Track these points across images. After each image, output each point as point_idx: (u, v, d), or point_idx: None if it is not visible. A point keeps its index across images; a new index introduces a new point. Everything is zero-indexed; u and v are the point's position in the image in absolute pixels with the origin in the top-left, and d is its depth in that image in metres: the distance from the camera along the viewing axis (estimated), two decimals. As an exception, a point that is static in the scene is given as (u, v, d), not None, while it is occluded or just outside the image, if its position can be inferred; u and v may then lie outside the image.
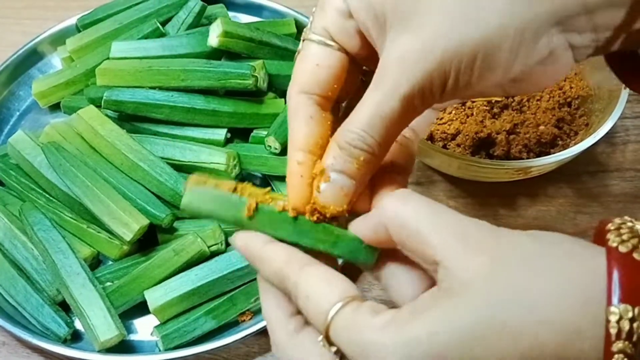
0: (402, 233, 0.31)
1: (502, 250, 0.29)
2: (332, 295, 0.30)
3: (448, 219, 0.30)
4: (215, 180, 0.34)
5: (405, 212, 0.31)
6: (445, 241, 0.29)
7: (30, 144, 0.65)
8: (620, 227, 0.28)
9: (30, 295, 0.59)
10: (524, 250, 0.29)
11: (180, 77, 0.65)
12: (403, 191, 0.33)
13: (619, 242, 0.27)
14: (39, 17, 0.83)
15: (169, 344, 0.57)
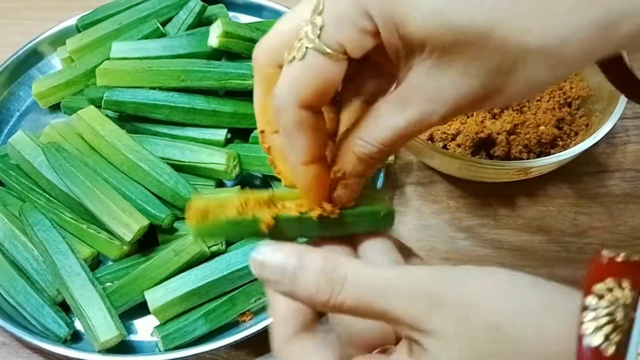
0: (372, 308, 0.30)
1: (466, 319, 0.28)
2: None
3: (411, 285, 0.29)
4: (215, 202, 0.32)
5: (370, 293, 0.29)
6: (409, 314, 0.29)
7: (30, 145, 0.65)
8: (597, 306, 0.26)
9: (30, 296, 0.59)
10: (489, 317, 0.28)
11: (180, 77, 0.65)
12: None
13: (593, 329, 0.25)
14: (38, 18, 0.83)
15: (169, 344, 0.57)
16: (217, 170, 0.64)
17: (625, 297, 0.26)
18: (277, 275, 0.30)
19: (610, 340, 0.25)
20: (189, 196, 0.61)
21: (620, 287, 0.26)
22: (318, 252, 0.30)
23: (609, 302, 0.26)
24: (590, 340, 0.25)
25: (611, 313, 0.26)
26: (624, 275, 0.27)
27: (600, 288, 0.26)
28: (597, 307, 0.26)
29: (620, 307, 0.26)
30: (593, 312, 0.26)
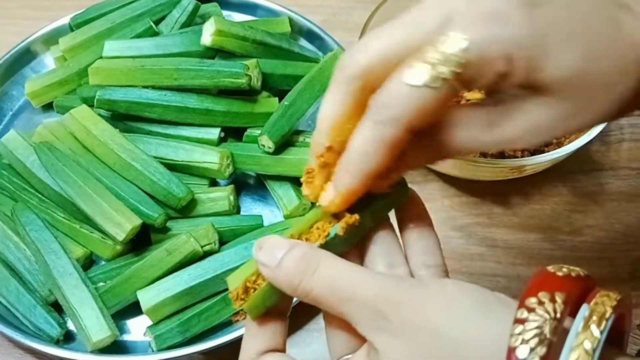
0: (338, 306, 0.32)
1: (413, 324, 0.30)
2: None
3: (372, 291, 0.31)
4: (248, 271, 0.33)
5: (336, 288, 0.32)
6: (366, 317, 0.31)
7: (22, 144, 0.65)
8: (527, 319, 0.27)
9: (22, 296, 0.58)
10: (431, 320, 0.30)
11: (173, 76, 0.65)
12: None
13: (520, 341, 0.26)
14: (32, 17, 0.82)
15: (162, 344, 0.56)
16: (210, 169, 0.63)
17: (555, 310, 0.27)
18: (268, 255, 0.32)
19: (536, 353, 0.26)
20: (181, 195, 0.61)
21: (552, 301, 0.27)
22: (305, 244, 0.33)
23: (538, 316, 0.27)
24: (518, 352, 0.26)
25: (539, 327, 0.26)
26: (559, 289, 0.27)
27: (533, 302, 0.27)
28: (526, 319, 0.27)
29: (549, 320, 0.27)
30: (522, 325, 0.27)
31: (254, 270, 0.33)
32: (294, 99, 0.66)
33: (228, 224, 0.62)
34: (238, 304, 0.33)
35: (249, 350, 0.34)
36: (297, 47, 0.73)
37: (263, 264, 0.33)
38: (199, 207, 0.63)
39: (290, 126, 0.64)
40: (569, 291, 0.28)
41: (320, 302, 0.32)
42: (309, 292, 0.31)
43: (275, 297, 0.33)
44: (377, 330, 0.30)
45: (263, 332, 0.34)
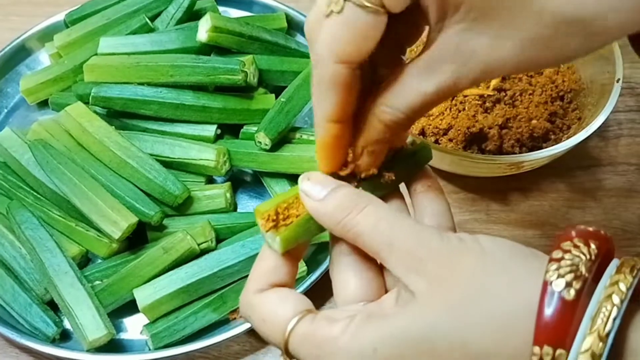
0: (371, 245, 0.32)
1: (449, 271, 0.30)
2: (286, 312, 0.32)
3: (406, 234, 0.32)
4: (280, 202, 0.34)
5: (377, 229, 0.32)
6: (403, 262, 0.31)
7: (17, 142, 0.65)
8: (562, 257, 0.28)
9: (18, 295, 0.58)
10: (468, 269, 0.30)
11: (169, 72, 0.65)
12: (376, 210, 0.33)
13: (556, 276, 0.28)
14: (26, 14, 0.82)
15: (158, 342, 0.56)
16: (206, 166, 0.63)
17: (590, 253, 0.28)
18: (315, 189, 0.33)
19: (572, 286, 0.27)
20: (178, 193, 0.60)
21: (587, 245, 0.28)
22: (352, 186, 0.34)
23: (574, 256, 0.28)
24: (553, 286, 0.27)
25: (575, 264, 0.28)
26: (592, 238, 0.29)
27: (568, 244, 0.29)
28: (562, 258, 0.28)
29: (584, 261, 0.28)
30: (557, 262, 0.28)
31: (285, 199, 0.34)
32: (290, 95, 0.65)
33: (225, 222, 0.62)
34: (268, 226, 0.33)
35: (261, 280, 0.34)
36: (293, 43, 0.72)
37: (308, 194, 0.33)
38: (196, 205, 0.63)
39: (287, 123, 0.64)
40: (601, 241, 0.29)
41: (361, 239, 0.32)
42: (352, 227, 0.32)
43: (311, 232, 0.34)
44: (414, 274, 0.30)
45: (281, 268, 0.34)
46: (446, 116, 0.64)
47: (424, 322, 0.29)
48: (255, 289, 0.34)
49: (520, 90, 0.65)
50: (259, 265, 0.34)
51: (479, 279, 0.30)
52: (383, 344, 0.30)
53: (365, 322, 0.31)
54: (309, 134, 0.65)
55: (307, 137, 0.65)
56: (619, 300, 0.27)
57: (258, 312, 0.33)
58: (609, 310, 0.27)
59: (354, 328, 0.30)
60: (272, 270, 0.34)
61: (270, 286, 0.34)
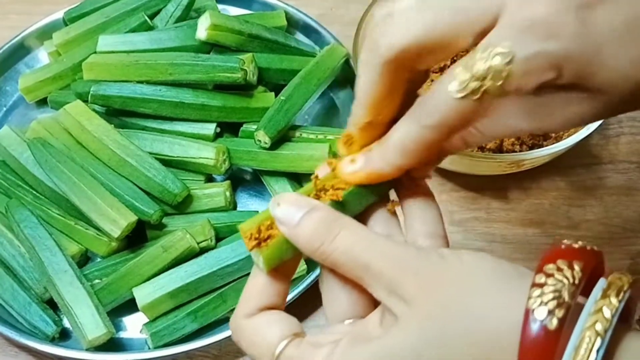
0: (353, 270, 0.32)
1: (430, 293, 0.30)
2: (273, 337, 0.32)
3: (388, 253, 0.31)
4: (263, 218, 0.33)
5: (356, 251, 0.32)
6: (388, 281, 0.31)
7: (16, 140, 0.64)
8: (545, 283, 0.27)
9: (17, 293, 0.58)
10: (449, 289, 0.30)
11: (168, 71, 0.64)
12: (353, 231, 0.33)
13: (539, 304, 0.27)
14: (25, 12, 0.81)
15: (158, 341, 0.56)
16: (206, 164, 0.63)
17: (574, 277, 0.27)
18: (288, 215, 0.32)
19: (554, 315, 0.26)
20: (177, 191, 0.60)
21: (570, 268, 0.28)
22: (328, 208, 0.33)
23: (557, 281, 0.27)
24: (535, 314, 0.27)
25: (558, 290, 0.27)
26: (576, 259, 0.28)
27: (551, 268, 0.28)
28: (544, 284, 0.27)
29: (567, 286, 0.27)
30: (540, 288, 0.27)
31: (268, 216, 0.33)
32: (290, 93, 0.65)
33: (224, 220, 0.62)
34: (251, 245, 0.33)
35: (250, 304, 0.34)
36: (293, 41, 0.72)
37: (281, 221, 0.32)
38: (195, 203, 0.62)
39: (287, 121, 0.64)
40: (586, 261, 0.28)
41: (337, 266, 0.32)
42: (328, 255, 0.32)
43: (293, 250, 0.33)
44: (394, 297, 0.30)
45: (269, 289, 0.34)
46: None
47: (407, 346, 0.29)
48: (244, 313, 0.34)
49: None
50: (249, 286, 0.34)
51: (461, 300, 0.29)
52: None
53: (350, 347, 0.31)
54: (309, 132, 0.65)
55: (306, 136, 0.65)
56: (602, 328, 0.26)
57: (247, 336, 0.33)
58: (592, 341, 0.26)
59: (338, 354, 0.30)
60: (261, 291, 0.34)
61: (258, 310, 0.34)
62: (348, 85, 0.71)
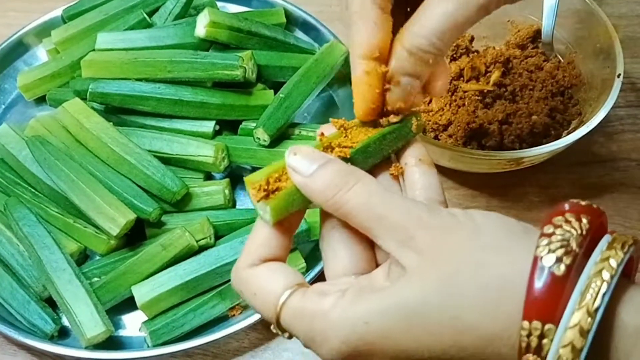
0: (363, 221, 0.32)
1: (441, 245, 0.31)
2: (277, 287, 0.32)
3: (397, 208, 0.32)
4: (271, 171, 0.33)
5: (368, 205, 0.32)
6: (396, 236, 0.31)
7: (14, 138, 0.64)
8: (554, 232, 0.28)
9: (16, 292, 0.58)
10: (460, 243, 0.30)
11: (166, 68, 0.64)
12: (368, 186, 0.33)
13: (547, 251, 0.28)
14: (24, 9, 0.81)
15: (157, 339, 0.56)
16: (205, 162, 0.63)
17: (582, 228, 0.28)
18: (303, 163, 0.33)
19: (562, 261, 0.27)
20: (176, 189, 0.60)
21: (578, 220, 0.29)
22: (344, 163, 0.34)
23: (565, 231, 0.28)
24: (543, 261, 0.27)
25: (566, 239, 0.28)
26: (584, 213, 0.29)
27: (559, 219, 0.29)
28: (553, 233, 0.28)
29: (575, 236, 0.28)
30: (548, 237, 0.28)
31: (277, 168, 0.33)
32: (289, 91, 0.65)
33: (223, 218, 0.62)
34: (259, 196, 0.33)
35: (253, 255, 0.34)
36: (292, 38, 0.72)
37: (295, 170, 0.33)
38: (194, 201, 0.62)
39: (286, 119, 0.64)
40: (594, 216, 0.29)
41: (351, 216, 0.32)
42: (343, 204, 0.32)
43: (302, 202, 0.33)
44: (406, 249, 0.31)
45: (273, 241, 0.34)
46: (446, 112, 0.63)
47: (415, 296, 0.30)
48: (246, 263, 0.34)
49: (521, 85, 0.64)
50: (252, 238, 0.34)
51: (471, 254, 0.30)
52: (374, 317, 0.30)
53: (356, 296, 0.31)
54: (308, 129, 0.65)
55: (306, 133, 0.65)
56: (609, 276, 0.27)
57: (249, 286, 0.33)
58: (599, 286, 0.27)
59: (345, 302, 0.31)
60: (265, 243, 0.34)
61: (261, 261, 0.34)
62: (347, 83, 0.70)
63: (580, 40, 0.66)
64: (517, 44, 0.68)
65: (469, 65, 0.65)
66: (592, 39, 0.64)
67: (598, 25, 0.63)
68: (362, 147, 0.35)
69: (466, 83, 0.65)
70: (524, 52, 0.68)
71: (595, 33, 0.63)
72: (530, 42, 0.69)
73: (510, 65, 0.66)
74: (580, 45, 0.66)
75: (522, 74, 0.66)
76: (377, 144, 0.36)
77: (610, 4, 0.77)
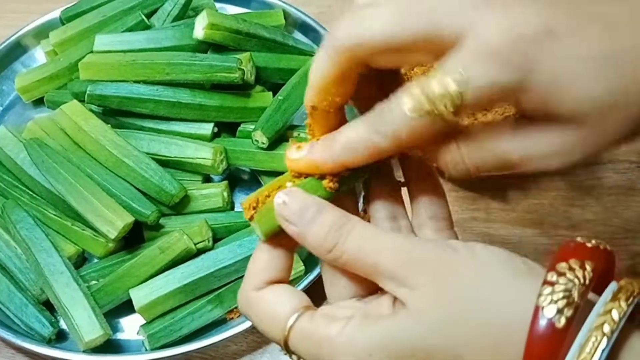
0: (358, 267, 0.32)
1: (440, 284, 0.30)
2: (284, 311, 0.32)
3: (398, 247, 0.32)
4: (263, 192, 0.33)
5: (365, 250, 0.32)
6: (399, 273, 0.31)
7: (12, 140, 0.64)
8: (557, 281, 0.28)
9: (13, 295, 0.58)
10: (461, 281, 0.30)
11: (165, 70, 0.64)
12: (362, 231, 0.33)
13: (549, 301, 0.27)
14: (22, 10, 0.81)
15: (155, 343, 0.56)
16: (203, 165, 0.63)
17: (585, 277, 0.28)
18: (295, 215, 0.32)
19: (563, 314, 0.27)
20: (174, 192, 0.60)
21: (582, 268, 0.28)
22: (335, 208, 0.33)
23: (568, 280, 0.27)
24: (545, 312, 0.27)
25: (568, 290, 0.27)
26: (589, 259, 0.28)
27: (563, 266, 0.28)
28: (556, 282, 0.27)
29: (578, 286, 0.27)
30: (551, 286, 0.27)
31: (268, 187, 0.33)
32: (288, 93, 0.65)
33: (222, 221, 0.61)
34: (249, 214, 0.33)
35: (257, 278, 0.34)
36: (291, 40, 0.72)
37: (290, 222, 0.32)
38: (192, 204, 0.62)
39: (285, 121, 0.63)
40: (598, 261, 0.28)
41: (347, 266, 0.32)
42: (338, 257, 0.32)
43: None
44: (403, 288, 0.31)
45: (275, 262, 0.34)
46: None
47: (419, 333, 0.29)
48: (252, 286, 0.34)
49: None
50: (254, 261, 0.35)
51: (472, 292, 0.29)
52: (377, 350, 0.30)
53: (362, 325, 0.31)
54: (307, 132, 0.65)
55: (304, 136, 0.64)
56: (609, 330, 0.27)
57: (256, 310, 0.34)
58: (599, 340, 0.27)
59: (350, 330, 0.31)
60: (267, 265, 0.34)
61: (266, 283, 0.34)
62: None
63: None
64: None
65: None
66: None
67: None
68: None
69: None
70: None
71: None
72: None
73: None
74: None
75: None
76: None
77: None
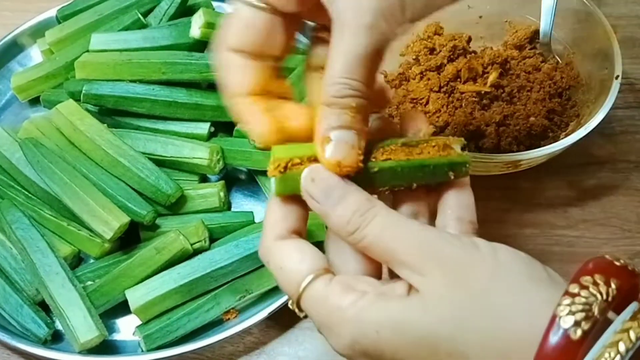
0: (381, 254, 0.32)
1: (456, 278, 0.30)
2: (303, 268, 0.33)
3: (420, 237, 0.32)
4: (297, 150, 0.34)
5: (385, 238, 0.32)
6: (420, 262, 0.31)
7: (8, 140, 0.64)
8: (578, 293, 0.27)
9: (9, 295, 0.57)
10: (479, 279, 0.30)
11: (161, 70, 0.64)
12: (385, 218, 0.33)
13: (567, 312, 0.27)
14: (19, 9, 0.81)
15: (151, 344, 0.55)
16: (200, 164, 0.62)
17: (608, 294, 0.27)
18: (322, 193, 0.33)
19: (580, 326, 0.26)
20: (170, 192, 0.60)
21: (607, 284, 0.28)
22: (361, 192, 0.33)
23: (590, 294, 0.27)
24: (561, 322, 0.27)
25: (589, 304, 0.27)
26: (615, 277, 0.28)
27: (587, 280, 0.28)
28: (577, 294, 0.27)
29: (600, 301, 0.27)
30: (571, 297, 0.27)
31: (302, 155, 0.33)
32: (285, 92, 0.64)
33: (218, 221, 0.61)
34: (274, 173, 0.33)
35: (278, 226, 0.34)
36: (288, 39, 0.71)
37: (316, 200, 0.33)
38: (189, 204, 0.62)
39: (282, 120, 0.63)
40: (624, 280, 0.28)
41: (367, 250, 0.32)
42: (359, 241, 0.32)
43: None
44: (418, 276, 0.31)
45: (293, 213, 0.34)
46: (443, 113, 0.63)
47: (429, 321, 0.30)
48: (273, 236, 0.34)
49: (518, 87, 0.64)
50: (270, 213, 0.35)
51: (490, 295, 0.29)
52: (385, 330, 0.30)
53: (375, 301, 0.31)
54: (304, 131, 0.64)
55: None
56: (624, 348, 0.26)
57: (276, 259, 0.34)
58: (612, 357, 0.26)
59: (363, 305, 0.31)
60: (285, 215, 0.34)
61: (288, 232, 0.34)
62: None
63: (579, 41, 0.65)
64: (514, 45, 0.68)
65: (466, 67, 0.64)
66: (590, 39, 0.63)
67: (596, 26, 0.62)
68: (392, 167, 0.34)
69: (463, 84, 0.64)
70: (522, 53, 0.67)
71: (593, 34, 0.62)
72: (528, 42, 0.68)
73: (508, 66, 0.66)
74: (578, 46, 0.65)
75: (520, 75, 0.65)
76: (411, 171, 0.35)
77: (609, 4, 0.76)
